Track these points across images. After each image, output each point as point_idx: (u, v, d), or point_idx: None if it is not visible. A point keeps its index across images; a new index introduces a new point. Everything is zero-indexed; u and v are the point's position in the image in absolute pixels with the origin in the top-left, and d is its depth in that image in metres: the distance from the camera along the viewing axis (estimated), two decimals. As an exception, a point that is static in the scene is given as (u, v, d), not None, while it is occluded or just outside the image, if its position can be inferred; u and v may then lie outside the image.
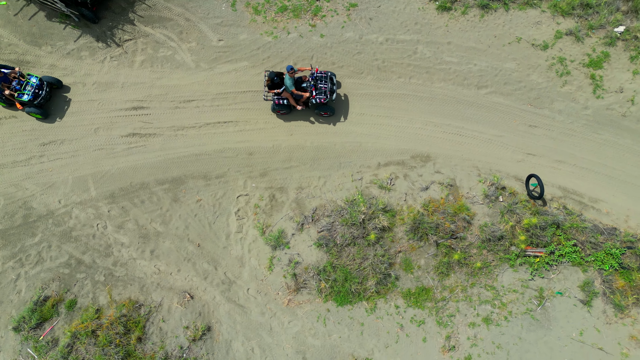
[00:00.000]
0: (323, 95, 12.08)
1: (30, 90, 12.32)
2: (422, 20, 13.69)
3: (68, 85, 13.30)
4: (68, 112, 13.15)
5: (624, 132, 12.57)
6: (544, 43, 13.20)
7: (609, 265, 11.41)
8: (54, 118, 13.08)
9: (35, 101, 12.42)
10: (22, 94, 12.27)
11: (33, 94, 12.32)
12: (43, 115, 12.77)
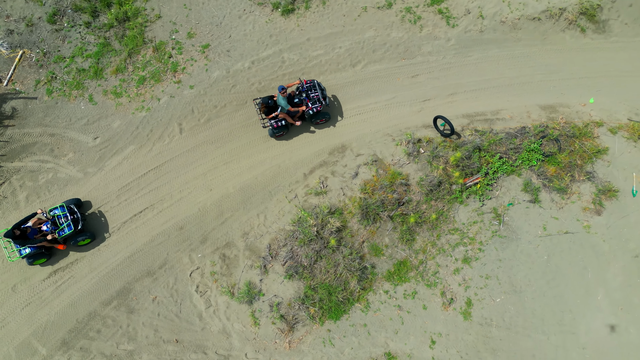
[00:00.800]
0: (318, 103, 12.83)
1: (65, 220, 11.64)
2: (275, 30, 14.65)
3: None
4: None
5: (488, 45, 14.37)
6: (387, 2, 14.69)
7: (534, 160, 12.97)
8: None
9: (78, 227, 11.75)
10: (62, 230, 11.58)
11: (72, 222, 11.68)
12: (92, 238, 12.26)
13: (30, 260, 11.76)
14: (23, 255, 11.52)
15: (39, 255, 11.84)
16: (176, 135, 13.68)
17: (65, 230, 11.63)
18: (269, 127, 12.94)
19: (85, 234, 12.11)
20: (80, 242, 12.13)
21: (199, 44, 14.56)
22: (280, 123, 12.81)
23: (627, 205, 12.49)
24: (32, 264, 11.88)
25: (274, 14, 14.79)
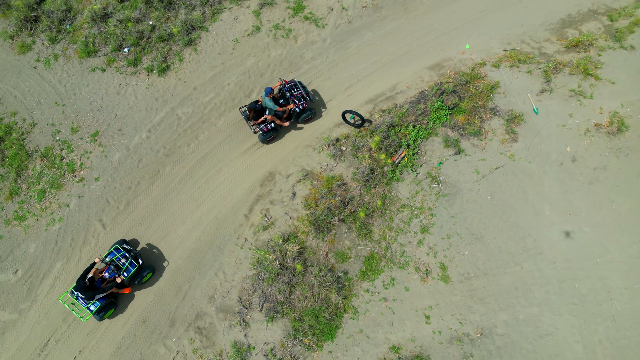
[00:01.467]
0: (303, 100, 13.63)
1: (125, 261, 12.02)
2: (158, 92, 14.89)
3: None
4: None
5: (361, 31, 15.64)
6: (254, 27, 15.51)
7: (443, 116, 14.25)
8: None
9: (139, 261, 12.13)
10: (126, 270, 11.91)
11: (131, 262, 12.04)
12: (153, 270, 12.68)
13: (100, 316, 11.89)
14: (93, 311, 11.63)
15: (108, 307, 12.02)
16: (101, 232, 13.39)
17: (130, 269, 11.98)
18: (259, 132, 13.54)
19: (146, 268, 12.49)
20: (145, 278, 12.46)
21: (87, 135, 14.41)
22: (270, 126, 13.51)
23: (535, 124, 14.09)
24: (102, 318, 11.98)
25: (152, 77, 15.04)
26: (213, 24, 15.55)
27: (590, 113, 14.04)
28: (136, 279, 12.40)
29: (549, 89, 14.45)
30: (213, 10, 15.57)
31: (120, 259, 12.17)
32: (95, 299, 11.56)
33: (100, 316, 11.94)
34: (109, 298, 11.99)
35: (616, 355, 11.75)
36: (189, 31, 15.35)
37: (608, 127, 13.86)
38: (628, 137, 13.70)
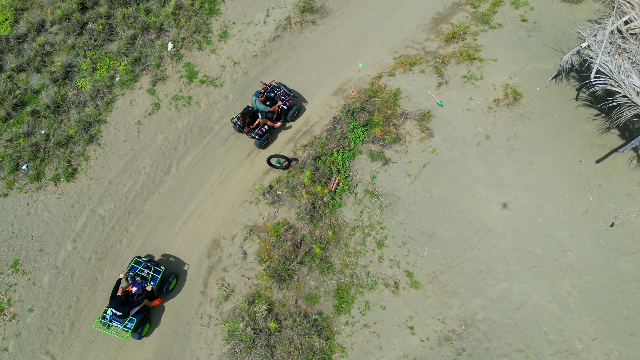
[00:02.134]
0: (288, 97, 14.74)
1: (148, 270, 12.19)
2: (72, 199, 14.12)
3: None
4: None
5: (260, 78, 15.92)
6: (153, 104, 15.31)
7: (360, 133, 14.72)
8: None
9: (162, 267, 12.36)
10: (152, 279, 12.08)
11: (155, 269, 12.24)
12: (177, 276, 12.80)
13: (138, 333, 11.85)
14: (131, 328, 11.58)
15: (144, 322, 12.02)
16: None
17: (156, 276, 12.13)
18: (256, 137, 14.30)
19: (170, 274, 12.67)
20: (171, 285, 12.59)
21: (6, 267, 13.23)
22: (264, 129, 14.42)
23: (443, 115, 14.97)
24: (141, 336, 12.01)
25: (61, 186, 14.23)
26: (110, 114, 15.14)
27: (486, 92, 15.20)
28: (163, 287, 12.40)
29: (444, 81, 15.50)
30: (106, 101, 15.19)
31: (143, 269, 12.25)
32: (131, 315, 11.66)
33: (139, 334, 11.88)
34: (142, 313, 11.97)
35: (586, 300, 12.40)
36: (86, 129, 14.81)
37: (505, 100, 15.05)
38: (524, 103, 14.95)
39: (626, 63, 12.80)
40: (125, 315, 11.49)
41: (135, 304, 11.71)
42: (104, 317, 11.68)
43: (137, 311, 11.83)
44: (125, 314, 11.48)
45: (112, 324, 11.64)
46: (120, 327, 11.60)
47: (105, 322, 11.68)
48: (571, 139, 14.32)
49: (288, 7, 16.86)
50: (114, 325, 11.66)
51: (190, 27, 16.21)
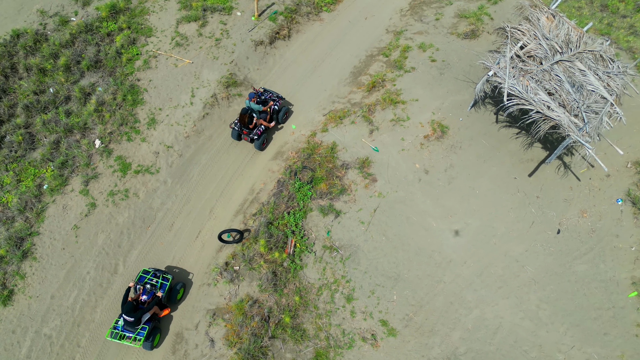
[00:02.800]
0: (277, 99, 16.21)
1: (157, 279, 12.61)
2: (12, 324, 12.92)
3: None
4: None
5: (196, 157, 15.85)
6: (89, 205, 14.67)
7: (307, 191, 14.83)
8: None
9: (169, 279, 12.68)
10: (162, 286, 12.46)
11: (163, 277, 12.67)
12: (184, 286, 13.13)
13: (150, 343, 12.03)
14: (143, 336, 11.78)
15: (155, 331, 12.23)
16: None
17: (165, 284, 12.51)
18: (255, 138, 15.54)
19: (178, 283, 12.98)
20: (179, 294, 12.96)
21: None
22: (261, 129, 15.72)
23: (381, 159, 15.47)
24: (152, 347, 12.19)
25: (-3, 312, 12.97)
26: (43, 224, 14.28)
27: (415, 130, 15.98)
28: (172, 296, 12.72)
29: (375, 127, 16.17)
30: (36, 211, 14.36)
31: (151, 278, 12.67)
32: (142, 323, 11.86)
33: (151, 344, 12.06)
34: (153, 321, 12.20)
35: (555, 310, 12.72)
36: (18, 245, 13.82)
37: (434, 134, 15.87)
38: (452, 134, 15.83)
39: (531, 83, 14.02)
40: (136, 321, 11.65)
41: (146, 309, 11.93)
42: (116, 328, 11.91)
43: (148, 319, 12.05)
44: (136, 320, 11.64)
45: (124, 334, 11.84)
46: (133, 335, 11.81)
47: (116, 333, 11.88)
48: (501, 159, 15.21)
49: (212, 84, 17.19)
50: (126, 335, 11.86)
51: (116, 121, 16.01)
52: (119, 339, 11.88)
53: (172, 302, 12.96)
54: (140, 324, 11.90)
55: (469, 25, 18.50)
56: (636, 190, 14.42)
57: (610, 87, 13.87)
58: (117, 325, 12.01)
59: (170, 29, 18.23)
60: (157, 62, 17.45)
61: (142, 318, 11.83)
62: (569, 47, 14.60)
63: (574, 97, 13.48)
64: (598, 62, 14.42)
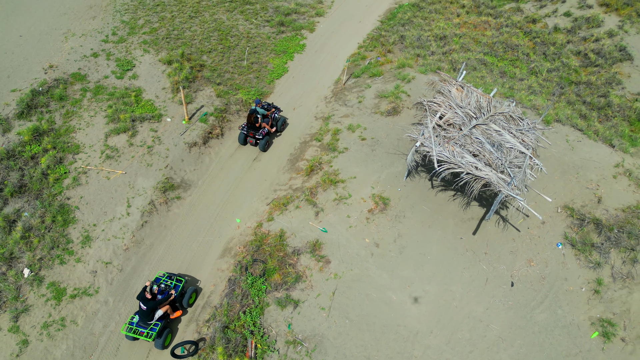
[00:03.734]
0: (277, 109, 19.02)
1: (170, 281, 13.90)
2: None
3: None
4: None
5: (139, 268, 14.96)
6: (20, 344, 13.18)
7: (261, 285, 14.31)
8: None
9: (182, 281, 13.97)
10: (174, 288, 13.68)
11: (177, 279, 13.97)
12: (195, 290, 14.23)
13: (162, 342, 12.83)
14: (155, 332, 12.69)
15: (165, 331, 13.04)
16: None
17: (178, 285, 13.71)
18: (259, 138, 18.29)
19: (190, 288, 13.97)
20: (191, 299, 13.94)
21: None
22: (265, 131, 18.41)
23: (331, 240, 15.47)
24: (164, 346, 12.98)
25: None
26: None
27: (359, 206, 16.32)
28: (184, 299, 13.68)
29: (320, 209, 16.35)
30: None
31: (166, 280, 13.80)
32: (155, 319, 12.80)
33: (163, 341, 12.83)
34: (165, 319, 13.08)
35: (528, 363, 12.62)
36: None
37: (377, 207, 16.28)
38: (394, 204, 16.33)
39: (456, 147, 15.04)
40: (150, 312, 12.65)
41: (160, 301, 12.96)
42: (131, 324, 12.83)
43: (161, 317, 13.02)
44: (150, 310, 12.63)
45: (138, 329, 12.72)
46: (146, 330, 12.69)
47: (130, 328, 12.73)
48: (444, 221, 15.76)
49: (148, 192, 16.85)
50: (139, 330, 12.70)
51: (46, 245, 15.01)
52: (133, 334, 12.68)
53: (185, 306, 13.92)
54: (153, 320, 12.87)
55: (389, 104, 19.93)
56: (571, 233, 15.32)
57: (525, 142, 15.17)
58: (132, 321, 12.90)
59: (99, 143, 18.04)
60: (87, 177, 16.99)
61: (155, 311, 12.84)
62: (481, 112, 16.03)
63: (496, 155, 14.55)
64: (510, 122, 15.87)
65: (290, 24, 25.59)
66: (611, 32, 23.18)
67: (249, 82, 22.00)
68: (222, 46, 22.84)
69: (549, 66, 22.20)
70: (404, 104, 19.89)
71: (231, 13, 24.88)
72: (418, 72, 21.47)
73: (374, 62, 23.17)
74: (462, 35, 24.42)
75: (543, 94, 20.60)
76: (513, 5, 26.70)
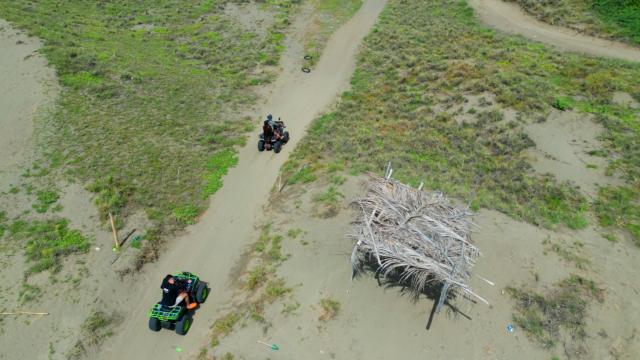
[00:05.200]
0: (282, 123, 26.19)
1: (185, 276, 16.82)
2: None
3: None
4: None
5: None
6: None
7: None
8: None
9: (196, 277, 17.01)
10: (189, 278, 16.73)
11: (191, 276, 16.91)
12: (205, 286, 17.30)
13: (182, 324, 15.60)
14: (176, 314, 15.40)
15: (184, 317, 15.76)
16: None
17: (193, 279, 16.59)
18: (274, 141, 25.32)
19: (201, 285, 16.98)
20: (204, 294, 16.92)
21: None
22: (276, 138, 25.29)
23: (285, 357, 14.48)
24: (184, 331, 15.77)
25: None
26: None
27: (309, 315, 15.70)
28: (197, 293, 16.52)
29: (268, 324, 15.50)
30: None
31: (182, 275, 16.70)
32: (176, 304, 15.52)
33: (182, 325, 15.54)
34: (183, 306, 15.77)
35: None
36: None
37: (328, 313, 15.75)
38: (344, 308, 15.91)
39: (396, 242, 15.35)
40: (172, 295, 15.33)
41: (180, 286, 15.67)
42: (155, 309, 15.43)
43: (180, 303, 15.50)
44: (171, 293, 15.30)
45: (162, 313, 15.27)
46: (168, 313, 15.26)
47: (155, 311, 15.32)
48: (397, 319, 15.48)
49: (74, 332, 15.22)
50: (162, 313, 15.25)
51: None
52: (158, 315, 15.25)
53: (198, 300, 16.54)
54: (174, 305, 15.39)
55: (326, 206, 20.39)
56: (519, 313, 15.57)
57: (458, 230, 15.87)
58: (157, 308, 15.46)
59: (18, 284, 16.45)
60: (3, 325, 15.13)
61: (176, 295, 15.49)
62: (413, 205, 16.79)
63: (434, 245, 14.99)
64: (441, 212, 16.68)
65: (221, 141, 26.36)
66: (512, 123, 26.17)
67: (182, 200, 21.77)
68: (153, 168, 22.79)
69: (466, 157, 24.24)
70: (339, 204, 20.42)
71: (160, 136, 25.31)
72: (349, 174, 22.47)
73: (306, 168, 24.06)
74: (383, 137, 26.35)
75: (465, 182, 22.17)
76: (424, 108, 29.66)
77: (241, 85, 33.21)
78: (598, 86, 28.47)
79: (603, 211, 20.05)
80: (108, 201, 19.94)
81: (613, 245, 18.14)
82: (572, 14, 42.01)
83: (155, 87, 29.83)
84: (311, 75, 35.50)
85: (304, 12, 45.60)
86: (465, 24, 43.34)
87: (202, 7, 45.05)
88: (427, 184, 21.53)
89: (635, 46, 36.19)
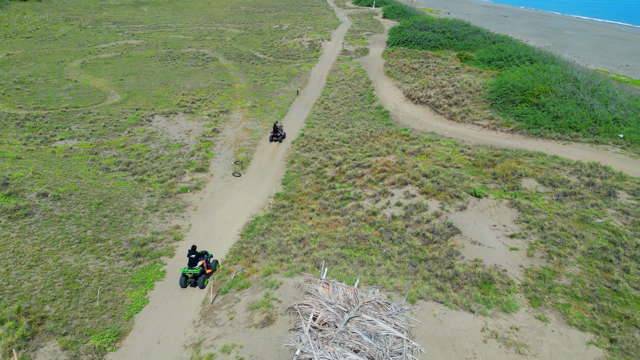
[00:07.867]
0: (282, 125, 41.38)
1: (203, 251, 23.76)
2: None
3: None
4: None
5: None
6: None
7: None
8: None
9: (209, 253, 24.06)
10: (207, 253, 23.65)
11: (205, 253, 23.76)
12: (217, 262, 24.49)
13: (201, 282, 22.18)
14: (199, 270, 22.19)
15: (203, 276, 22.39)
16: None
17: (209, 254, 23.49)
18: (280, 135, 40.54)
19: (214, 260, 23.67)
20: (217, 265, 23.86)
21: None
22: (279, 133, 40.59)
23: None
24: (203, 285, 22.21)
25: None
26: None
27: None
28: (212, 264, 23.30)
29: None
30: None
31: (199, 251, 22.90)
32: (197, 266, 22.12)
33: (202, 282, 22.11)
34: (202, 270, 22.26)
35: None
36: None
37: None
38: None
39: (336, 347, 14.61)
40: (195, 260, 22.21)
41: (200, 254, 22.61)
42: (185, 269, 21.98)
43: (200, 265, 22.16)
44: (195, 259, 22.23)
45: (188, 270, 21.85)
46: (193, 271, 21.83)
47: (185, 270, 21.93)
48: None
49: None
50: (188, 270, 21.83)
51: None
52: (185, 271, 21.86)
53: (212, 268, 23.32)
54: (197, 265, 22.15)
55: (262, 314, 19.34)
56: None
57: (398, 326, 15.52)
58: (184, 269, 21.86)
59: None
60: None
61: (198, 260, 22.27)
62: (350, 304, 16.38)
63: (376, 346, 14.43)
64: (379, 309, 16.37)
65: (148, 253, 24.98)
66: (437, 213, 27.43)
67: (102, 323, 19.74)
68: (69, 290, 20.81)
69: (398, 249, 24.67)
70: (276, 311, 19.48)
71: (79, 254, 23.56)
72: (285, 277, 21.83)
73: (240, 274, 23.14)
74: (317, 235, 26.38)
75: (400, 274, 22.28)
76: (354, 203, 30.50)
77: (169, 194, 32.59)
78: (507, 174, 31.14)
79: (531, 292, 20.75)
80: (13, 335, 17.58)
81: (546, 326, 18.52)
82: (475, 112, 47.14)
83: (76, 203, 28.43)
84: (242, 179, 35.81)
85: (232, 120, 47.26)
86: (384, 124, 46.94)
87: (129, 120, 45.33)
88: (363, 280, 21.34)
89: (532, 137, 40.78)
